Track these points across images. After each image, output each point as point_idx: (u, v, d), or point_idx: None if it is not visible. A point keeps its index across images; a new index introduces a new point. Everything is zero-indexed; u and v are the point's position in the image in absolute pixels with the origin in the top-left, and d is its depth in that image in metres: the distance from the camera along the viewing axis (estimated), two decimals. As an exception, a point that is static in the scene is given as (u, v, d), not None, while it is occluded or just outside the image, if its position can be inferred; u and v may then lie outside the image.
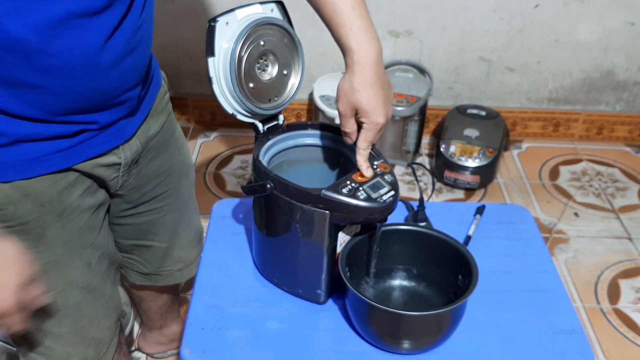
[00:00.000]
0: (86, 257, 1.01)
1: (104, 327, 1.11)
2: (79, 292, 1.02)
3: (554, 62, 2.38)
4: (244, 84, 0.93)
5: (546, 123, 2.52)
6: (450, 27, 2.30)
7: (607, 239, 2.05)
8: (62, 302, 1.01)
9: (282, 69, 0.98)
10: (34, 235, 0.93)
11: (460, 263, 0.96)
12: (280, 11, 0.97)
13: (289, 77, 1.00)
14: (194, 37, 2.35)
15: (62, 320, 1.03)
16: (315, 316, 1.00)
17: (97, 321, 1.09)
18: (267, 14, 0.96)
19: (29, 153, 0.87)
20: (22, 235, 0.91)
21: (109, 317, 1.12)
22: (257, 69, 0.95)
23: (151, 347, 1.63)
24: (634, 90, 2.45)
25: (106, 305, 1.10)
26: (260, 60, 0.95)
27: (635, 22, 2.29)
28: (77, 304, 1.03)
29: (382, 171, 0.95)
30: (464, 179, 2.19)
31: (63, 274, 0.99)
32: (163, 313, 1.53)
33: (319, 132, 1.06)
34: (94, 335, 1.09)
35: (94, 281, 1.05)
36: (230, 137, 2.51)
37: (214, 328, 0.97)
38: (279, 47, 0.96)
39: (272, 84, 0.98)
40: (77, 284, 1.01)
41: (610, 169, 2.39)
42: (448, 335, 0.93)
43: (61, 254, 0.97)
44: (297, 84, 1.00)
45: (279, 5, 0.97)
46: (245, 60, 0.92)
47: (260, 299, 1.03)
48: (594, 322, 1.76)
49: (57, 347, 1.05)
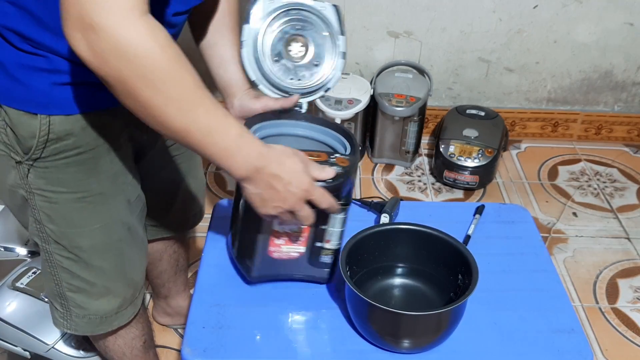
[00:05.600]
0: (127, 194, 1.08)
1: (139, 270, 1.18)
2: (121, 228, 1.08)
3: (553, 63, 2.39)
4: (269, 53, 1.03)
5: (545, 123, 2.53)
6: (450, 28, 2.31)
7: (605, 238, 2.06)
8: (106, 236, 1.06)
9: (314, 60, 1.06)
10: (88, 166, 0.99)
11: (460, 262, 0.96)
12: (333, 13, 1.04)
13: (318, 69, 1.06)
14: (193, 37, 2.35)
15: (105, 254, 1.08)
16: (315, 315, 1.01)
17: (134, 262, 1.15)
18: (315, 7, 1.03)
19: (93, 91, 0.93)
20: (77, 166, 0.98)
21: (142, 261, 1.18)
22: (289, 48, 1.04)
23: (161, 316, 1.70)
24: (633, 90, 2.46)
25: (140, 248, 1.16)
26: (294, 43, 1.04)
27: (633, 23, 2.29)
28: (119, 239, 1.09)
29: (337, 162, 0.95)
30: (463, 179, 2.19)
31: (109, 207, 1.05)
32: (165, 282, 1.58)
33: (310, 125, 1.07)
34: (132, 277, 1.15)
35: (132, 220, 1.11)
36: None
37: (215, 327, 0.97)
38: (316, 38, 1.04)
39: (299, 67, 1.06)
40: (120, 220, 1.07)
41: (608, 169, 2.39)
42: (448, 335, 0.94)
43: (109, 187, 1.03)
44: (326, 80, 1.06)
45: (334, 7, 1.04)
46: (278, 35, 1.03)
47: (261, 298, 1.03)
48: (592, 321, 1.77)
49: (97, 282, 1.10)
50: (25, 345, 1.44)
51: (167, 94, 0.77)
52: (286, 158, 0.87)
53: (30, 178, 0.98)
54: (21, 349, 1.45)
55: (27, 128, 0.93)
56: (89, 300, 1.12)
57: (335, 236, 0.99)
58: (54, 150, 0.95)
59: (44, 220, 1.03)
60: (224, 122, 0.82)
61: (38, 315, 1.42)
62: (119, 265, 1.11)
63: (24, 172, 0.98)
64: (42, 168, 0.97)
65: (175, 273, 1.58)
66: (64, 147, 0.95)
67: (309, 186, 0.87)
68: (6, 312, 1.43)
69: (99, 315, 1.14)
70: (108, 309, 1.14)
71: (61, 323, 1.15)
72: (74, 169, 0.98)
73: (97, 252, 1.07)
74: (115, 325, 1.18)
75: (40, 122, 0.92)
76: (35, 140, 0.93)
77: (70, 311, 1.13)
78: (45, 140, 0.94)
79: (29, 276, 1.48)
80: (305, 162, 0.88)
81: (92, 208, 1.03)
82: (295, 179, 0.86)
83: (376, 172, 2.34)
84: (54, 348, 1.42)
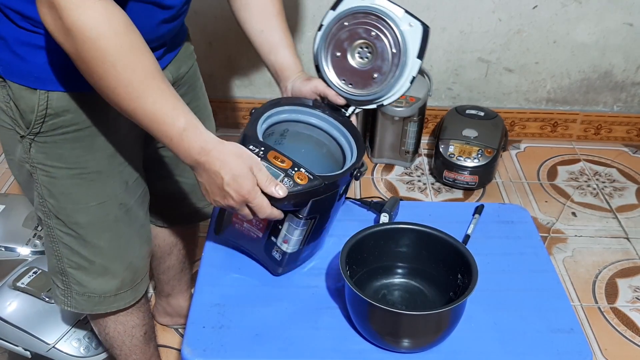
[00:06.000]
0: (125, 176, 1.09)
1: (139, 255, 1.19)
2: (117, 208, 1.10)
3: (552, 63, 2.39)
4: (332, 48, 1.02)
5: (544, 123, 2.53)
6: (449, 28, 2.31)
7: (605, 238, 2.06)
8: (103, 214, 1.08)
9: (373, 72, 1.02)
10: (85, 143, 1.02)
11: (459, 262, 0.97)
12: (420, 34, 1.00)
13: (374, 83, 1.03)
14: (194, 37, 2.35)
15: (102, 232, 1.10)
16: (315, 315, 1.01)
17: (133, 245, 1.17)
18: (401, 21, 0.98)
19: None
20: (75, 143, 1.01)
21: (142, 246, 1.19)
22: (355, 52, 1.01)
23: (161, 316, 1.71)
24: (632, 90, 2.46)
25: (140, 232, 1.18)
26: (362, 48, 1.01)
27: (633, 23, 2.30)
28: (115, 219, 1.11)
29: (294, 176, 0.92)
30: (463, 178, 2.20)
31: (105, 185, 1.07)
32: (170, 278, 1.59)
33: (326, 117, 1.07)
34: (131, 260, 1.17)
35: (130, 202, 1.12)
36: (231, 137, 2.50)
37: (215, 327, 0.98)
38: (384, 52, 1.00)
39: (356, 72, 1.03)
40: (117, 199, 1.09)
41: (608, 169, 2.40)
42: (447, 334, 0.94)
43: (105, 165, 1.05)
44: (380, 96, 1.03)
45: (424, 29, 1.00)
46: (351, 32, 1.00)
47: (261, 298, 1.03)
48: (592, 321, 1.77)
49: (96, 260, 1.12)
50: (26, 345, 1.44)
51: (117, 77, 0.82)
52: (232, 159, 0.89)
53: (32, 152, 1.01)
54: (22, 349, 1.45)
55: (28, 102, 0.96)
56: (88, 279, 1.14)
57: (293, 242, 1.00)
58: (53, 126, 0.98)
59: (45, 195, 1.05)
60: (171, 114, 0.86)
61: (39, 314, 1.43)
62: (117, 246, 1.13)
63: (26, 146, 1.01)
64: (42, 143, 1.00)
65: (182, 270, 1.59)
66: (62, 123, 0.98)
67: (248, 193, 0.89)
68: (7, 311, 1.43)
69: (97, 294, 1.16)
70: (107, 288, 1.16)
71: (62, 300, 1.17)
72: (71, 145, 1.01)
73: (94, 230, 1.09)
74: (114, 307, 1.19)
75: (39, 97, 0.95)
76: (34, 115, 0.96)
77: (70, 288, 1.15)
78: (44, 115, 0.96)
79: (29, 276, 1.49)
80: (254, 167, 0.90)
81: (89, 185, 1.05)
82: (234, 182, 0.88)
83: (376, 172, 2.34)
84: (55, 347, 1.42)
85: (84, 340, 1.45)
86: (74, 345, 1.43)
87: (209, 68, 2.43)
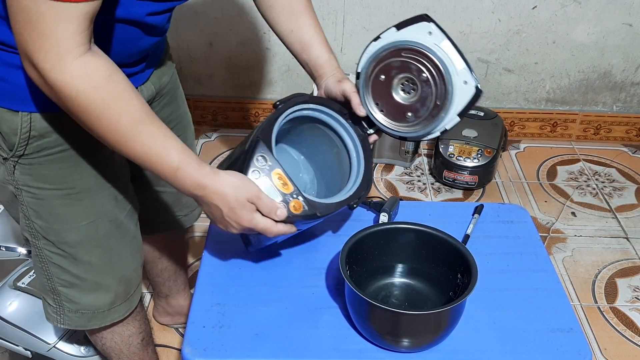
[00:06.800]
0: (113, 192, 1.08)
1: (131, 267, 1.18)
2: (108, 224, 1.09)
3: (552, 63, 2.39)
4: (380, 68, 0.98)
5: (544, 123, 2.53)
6: (449, 29, 2.28)
7: (604, 238, 2.06)
8: (93, 231, 1.07)
9: (409, 111, 0.99)
10: (71, 163, 1.00)
11: (459, 262, 0.97)
12: (470, 93, 0.95)
13: (405, 121, 1.00)
14: (195, 38, 2.36)
15: (93, 249, 1.09)
16: (315, 314, 1.01)
17: (125, 258, 1.15)
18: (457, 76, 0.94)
19: None
20: (61, 163, 0.99)
21: (134, 257, 1.18)
22: (400, 83, 0.99)
23: (162, 315, 1.71)
24: (631, 90, 2.47)
25: (131, 244, 1.17)
26: (408, 82, 0.98)
27: (632, 24, 2.30)
28: (106, 235, 1.09)
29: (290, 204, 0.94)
30: (463, 178, 2.20)
31: (94, 203, 1.06)
32: (165, 280, 1.59)
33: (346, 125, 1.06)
34: (124, 273, 1.16)
35: (120, 216, 1.11)
36: (231, 137, 2.52)
37: (215, 326, 0.98)
38: (427, 99, 0.97)
39: (392, 102, 1.00)
40: (107, 216, 1.08)
41: (607, 169, 2.40)
42: (447, 334, 0.94)
43: (93, 183, 1.04)
44: (402, 134, 1.01)
45: (476, 91, 0.95)
46: (399, 62, 0.97)
47: (261, 297, 1.04)
48: (591, 320, 1.77)
49: (88, 277, 1.11)
50: (26, 345, 1.44)
51: (104, 127, 0.84)
52: (229, 191, 0.90)
53: (17, 175, 0.99)
54: (22, 348, 1.45)
55: (10, 125, 0.94)
56: (80, 295, 1.12)
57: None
58: (37, 147, 0.96)
59: (32, 216, 1.04)
60: (162, 154, 0.87)
61: (39, 314, 1.42)
62: (108, 261, 1.12)
63: (10, 168, 0.99)
64: (27, 165, 0.98)
65: (175, 271, 1.59)
66: (47, 144, 0.97)
67: (249, 222, 0.92)
68: (7, 311, 1.43)
69: (91, 310, 1.15)
70: (99, 304, 1.15)
71: (54, 318, 1.16)
72: (57, 166, 0.99)
73: (85, 248, 1.08)
74: (109, 320, 1.18)
75: (21, 119, 0.93)
76: (18, 137, 0.95)
77: (62, 306, 1.14)
78: (28, 137, 0.95)
79: (30, 275, 1.49)
80: (252, 197, 0.91)
81: (78, 204, 1.04)
82: (233, 214, 0.91)
83: (376, 172, 2.35)
84: (55, 347, 1.42)
85: (84, 340, 1.45)
86: (74, 345, 1.44)
87: (209, 68, 2.43)
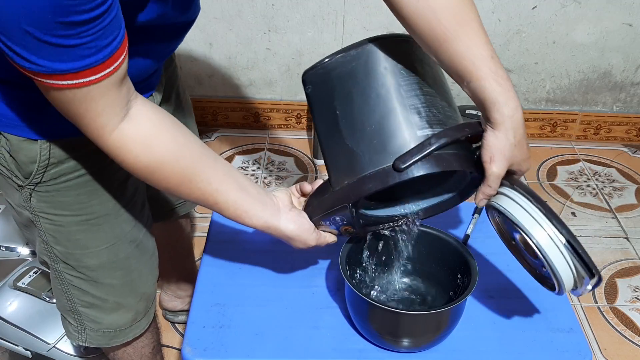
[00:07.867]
0: (132, 212, 1.07)
1: (150, 282, 1.18)
2: (128, 245, 1.08)
3: (552, 63, 2.39)
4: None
5: (544, 123, 2.54)
6: (449, 28, 2.31)
7: (604, 238, 2.06)
8: (113, 255, 1.06)
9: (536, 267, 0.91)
10: (90, 188, 0.99)
11: (459, 262, 0.97)
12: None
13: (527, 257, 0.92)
14: (195, 39, 2.36)
15: (113, 272, 1.08)
16: (315, 314, 1.01)
17: (145, 276, 1.15)
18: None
19: None
20: (79, 189, 0.98)
21: (152, 273, 1.18)
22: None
23: (171, 300, 1.71)
24: (631, 91, 2.47)
25: (150, 261, 1.16)
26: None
27: (632, 24, 2.30)
28: (126, 257, 1.09)
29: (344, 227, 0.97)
30: (463, 179, 2.20)
31: (113, 227, 1.04)
32: (170, 270, 1.60)
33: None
34: (144, 290, 1.16)
35: (139, 235, 1.11)
36: (231, 137, 2.52)
37: (215, 326, 0.98)
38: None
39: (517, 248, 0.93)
40: (126, 238, 1.07)
41: (607, 169, 2.40)
42: (447, 334, 0.94)
43: (112, 208, 1.03)
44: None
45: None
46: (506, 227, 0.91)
47: (261, 297, 1.04)
48: (591, 320, 1.77)
49: (109, 298, 1.11)
50: (26, 345, 1.44)
51: (159, 186, 0.88)
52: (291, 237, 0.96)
53: (34, 202, 0.97)
54: (22, 349, 1.45)
55: (28, 153, 0.92)
56: (102, 315, 1.12)
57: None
58: (55, 174, 0.94)
59: (51, 242, 1.02)
60: (248, 216, 0.93)
61: (39, 314, 1.43)
62: (129, 281, 1.11)
63: (26, 195, 0.97)
64: (43, 192, 0.96)
65: (179, 259, 1.61)
66: (65, 170, 0.95)
67: (314, 245, 0.99)
68: (7, 311, 1.43)
69: (112, 329, 1.15)
70: (121, 322, 1.15)
71: (75, 337, 1.16)
72: (75, 192, 0.97)
73: (106, 271, 1.07)
74: (131, 336, 1.18)
75: (40, 147, 0.91)
76: (36, 165, 0.92)
77: (84, 325, 1.13)
78: (46, 165, 0.93)
79: (30, 276, 1.49)
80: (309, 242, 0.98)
81: (97, 230, 1.02)
82: (300, 244, 0.98)
83: (376, 172, 2.34)
84: (56, 347, 1.42)
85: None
86: (74, 345, 1.44)
87: (209, 68, 2.43)
